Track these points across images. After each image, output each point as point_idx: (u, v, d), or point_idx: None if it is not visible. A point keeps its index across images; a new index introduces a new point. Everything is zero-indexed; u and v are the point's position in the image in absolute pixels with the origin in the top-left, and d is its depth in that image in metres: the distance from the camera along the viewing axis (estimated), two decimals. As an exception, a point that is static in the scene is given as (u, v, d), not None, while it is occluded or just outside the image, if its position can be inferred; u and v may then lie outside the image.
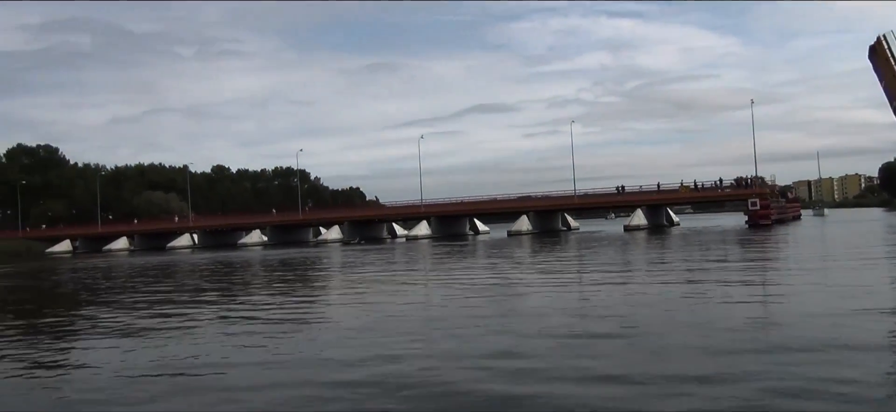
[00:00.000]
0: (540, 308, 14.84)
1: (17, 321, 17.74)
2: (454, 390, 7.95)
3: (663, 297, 15.70)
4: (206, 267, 40.84)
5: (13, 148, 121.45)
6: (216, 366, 9.92)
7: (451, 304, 16.18)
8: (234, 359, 10.33)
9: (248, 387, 8.49)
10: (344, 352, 10.42)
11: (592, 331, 11.41)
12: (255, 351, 10.95)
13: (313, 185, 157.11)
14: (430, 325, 12.86)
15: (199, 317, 15.80)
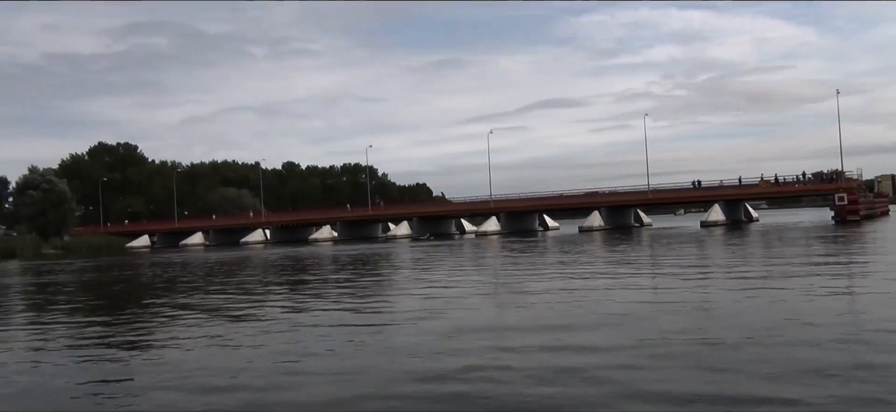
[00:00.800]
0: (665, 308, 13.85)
1: (165, 307, 17.90)
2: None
3: (798, 305, 13.50)
4: (300, 261, 41.01)
5: (95, 146, 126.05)
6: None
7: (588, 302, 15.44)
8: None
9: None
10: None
11: (721, 340, 10.26)
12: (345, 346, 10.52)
13: (381, 181, 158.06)
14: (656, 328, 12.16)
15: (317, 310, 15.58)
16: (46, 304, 21.32)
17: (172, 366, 9.95)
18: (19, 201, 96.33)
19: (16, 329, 15.98)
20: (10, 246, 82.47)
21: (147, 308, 18.97)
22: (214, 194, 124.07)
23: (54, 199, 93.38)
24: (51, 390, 9.13)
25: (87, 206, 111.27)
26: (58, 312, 18.78)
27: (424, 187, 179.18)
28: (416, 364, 9.31)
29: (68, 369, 10.32)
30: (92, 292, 26.00)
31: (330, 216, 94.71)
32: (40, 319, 17.31)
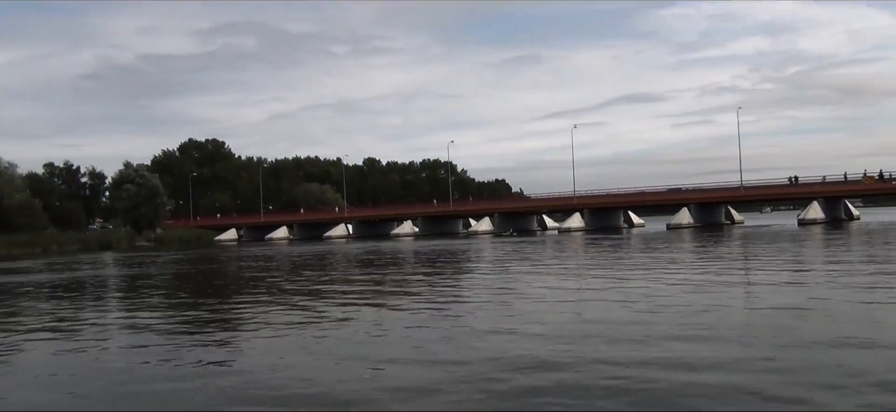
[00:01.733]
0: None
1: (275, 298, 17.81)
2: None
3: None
4: (394, 256, 40.86)
5: (185, 142, 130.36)
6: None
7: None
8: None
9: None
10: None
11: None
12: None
13: (459, 177, 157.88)
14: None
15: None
16: (175, 293, 21.55)
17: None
18: (115, 195, 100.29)
19: (144, 317, 16.00)
20: (107, 238, 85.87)
21: (267, 301, 18.81)
22: (298, 189, 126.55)
23: (147, 193, 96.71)
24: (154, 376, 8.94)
25: (178, 200, 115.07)
26: (187, 301, 18.86)
27: (503, 183, 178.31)
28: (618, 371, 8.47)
29: (183, 357, 9.98)
30: (217, 283, 26.26)
31: (411, 211, 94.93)
32: (167, 307, 17.37)
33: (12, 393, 8.66)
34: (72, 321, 15.43)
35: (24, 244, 76.75)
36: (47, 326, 14.61)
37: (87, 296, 22.11)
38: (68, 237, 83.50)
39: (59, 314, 16.98)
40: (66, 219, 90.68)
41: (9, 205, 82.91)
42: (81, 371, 9.77)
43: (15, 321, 15.88)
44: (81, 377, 9.33)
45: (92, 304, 19.60)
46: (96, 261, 47.95)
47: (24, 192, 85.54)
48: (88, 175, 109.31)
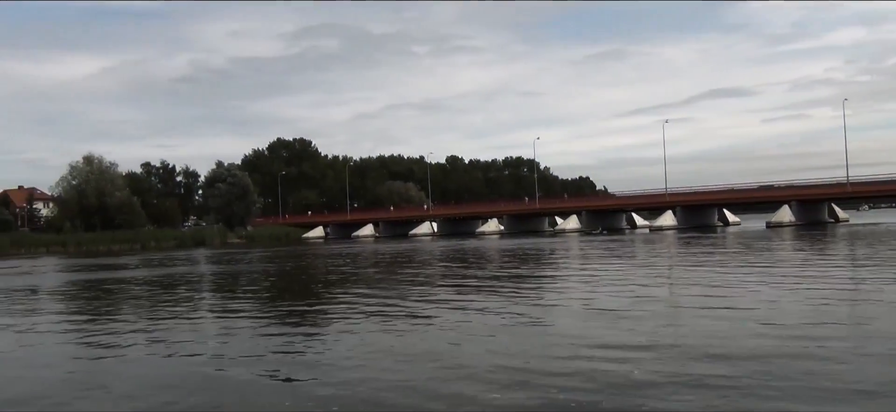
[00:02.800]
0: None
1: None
2: None
3: None
4: (496, 254, 40.18)
5: (274, 142, 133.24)
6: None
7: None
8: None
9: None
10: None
11: None
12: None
13: (543, 175, 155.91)
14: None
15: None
16: (280, 291, 21.45)
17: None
18: (208, 193, 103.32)
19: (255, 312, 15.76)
20: (201, 235, 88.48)
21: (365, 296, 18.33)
22: (382, 187, 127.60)
23: (238, 191, 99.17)
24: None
25: (266, 198, 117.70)
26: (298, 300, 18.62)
27: (587, 181, 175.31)
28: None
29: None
30: (317, 280, 26.16)
31: (496, 209, 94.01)
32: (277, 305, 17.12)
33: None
34: (182, 320, 15.24)
35: (124, 240, 79.92)
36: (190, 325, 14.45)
37: (199, 292, 22.17)
38: (165, 234, 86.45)
39: (177, 311, 16.89)
40: (162, 216, 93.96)
41: (110, 203, 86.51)
42: (180, 369, 9.65)
43: (124, 317, 15.88)
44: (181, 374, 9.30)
45: (206, 300, 19.55)
46: (193, 258, 49.00)
47: (124, 191, 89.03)
48: (183, 174, 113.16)
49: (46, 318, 16.39)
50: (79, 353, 11.30)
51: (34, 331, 14.17)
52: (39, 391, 8.51)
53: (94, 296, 21.88)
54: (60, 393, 8.38)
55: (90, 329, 13.99)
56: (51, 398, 8.17)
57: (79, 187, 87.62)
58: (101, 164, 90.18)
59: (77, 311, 18.10)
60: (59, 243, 76.79)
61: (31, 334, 13.74)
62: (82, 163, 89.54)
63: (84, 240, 78.60)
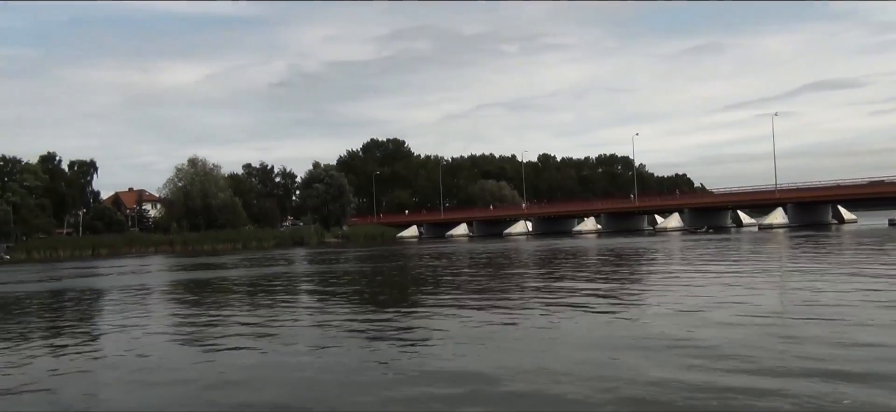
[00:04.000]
0: None
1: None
2: None
3: None
4: (602, 253, 38.86)
5: (367, 143, 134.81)
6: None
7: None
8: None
9: None
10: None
11: None
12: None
13: (638, 172, 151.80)
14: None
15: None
16: (390, 291, 21.02)
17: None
18: (305, 194, 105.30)
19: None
20: (299, 235, 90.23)
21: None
22: (475, 186, 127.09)
23: (335, 192, 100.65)
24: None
25: (360, 197, 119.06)
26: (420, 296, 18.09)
27: (684, 178, 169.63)
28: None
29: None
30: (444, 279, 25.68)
31: (593, 208, 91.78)
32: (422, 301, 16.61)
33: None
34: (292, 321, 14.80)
35: (227, 240, 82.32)
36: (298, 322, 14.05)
37: (313, 292, 21.93)
38: (265, 234, 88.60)
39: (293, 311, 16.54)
40: (262, 216, 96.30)
41: (214, 203, 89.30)
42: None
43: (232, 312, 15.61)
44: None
45: (329, 303, 19.21)
46: (297, 257, 49.55)
47: (226, 192, 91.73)
48: (281, 175, 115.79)
49: (176, 317, 16.33)
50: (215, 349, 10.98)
51: (163, 332, 14.02)
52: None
53: (235, 294, 21.94)
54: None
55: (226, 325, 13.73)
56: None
57: (184, 189, 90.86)
58: (205, 166, 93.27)
59: (217, 309, 18.03)
60: (167, 242, 79.79)
61: (159, 335, 13.57)
62: (187, 165, 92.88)
63: (189, 239, 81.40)
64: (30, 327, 15.69)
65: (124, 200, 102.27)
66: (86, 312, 19.07)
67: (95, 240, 76.97)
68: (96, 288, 27.06)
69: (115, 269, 41.13)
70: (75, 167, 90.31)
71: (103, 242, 76.45)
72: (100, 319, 17.30)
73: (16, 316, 18.47)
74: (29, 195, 77.91)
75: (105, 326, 15.43)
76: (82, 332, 14.41)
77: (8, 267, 51.59)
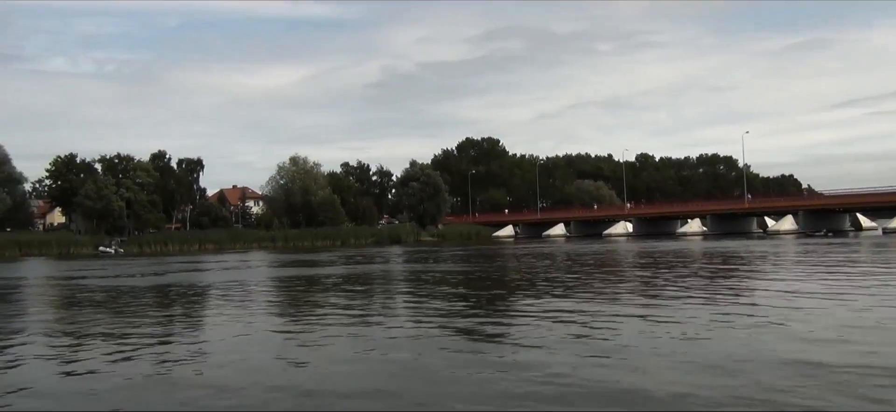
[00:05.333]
0: None
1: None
2: None
3: None
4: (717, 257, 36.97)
5: (462, 142, 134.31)
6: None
7: None
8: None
9: None
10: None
11: None
12: None
13: (741, 172, 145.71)
14: None
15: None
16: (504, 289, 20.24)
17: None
18: (401, 192, 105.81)
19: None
20: (396, 233, 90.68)
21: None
22: (571, 186, 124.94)
23: (430, 190, 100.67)
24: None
25: (454, 196, 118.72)
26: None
27: (791, 179, 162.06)
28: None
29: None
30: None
31: (698, 209, 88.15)
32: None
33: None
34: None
35: (326, 237, 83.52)
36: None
37: (443, 293, 21.32)
38: (363, 231, 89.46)
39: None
40: (360, 214, 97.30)
41: (314, 201, 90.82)
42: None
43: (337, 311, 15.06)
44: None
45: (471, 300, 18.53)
46: (393, 255, 49.40)
47: (325, 190, 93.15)
48: (378, 173, 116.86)
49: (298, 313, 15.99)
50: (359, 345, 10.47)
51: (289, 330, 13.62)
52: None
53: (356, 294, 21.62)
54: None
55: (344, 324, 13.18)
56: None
57: (286, 186, 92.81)
58: (306, 164, 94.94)
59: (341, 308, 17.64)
60: (269, 239, 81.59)
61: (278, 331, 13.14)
62: (289, 163, 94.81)
63: (290, 236, 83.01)
64: (146, 317, 15.80)
65: (228, 197, 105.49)
66: (197, 304, 19.38)
67: (202, 236, 79.49)
68: (205, 282, 27.38)
69: (220, 264, 41.95)
70: (183, 165, 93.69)
71: (209, 238, 78.86)
72: (209, 311, 17.73)
73: (131, 306, 18.55)
74: (141, 191, 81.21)
75: (213, 317, 16.00)
76: (193, 322, 15.14)
77: (122, 260, 53.63)
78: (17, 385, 8.98)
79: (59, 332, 14.00)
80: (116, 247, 72.05)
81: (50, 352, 11.66)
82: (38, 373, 9.90)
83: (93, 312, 17.38)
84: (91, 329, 14.16)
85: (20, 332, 14.08)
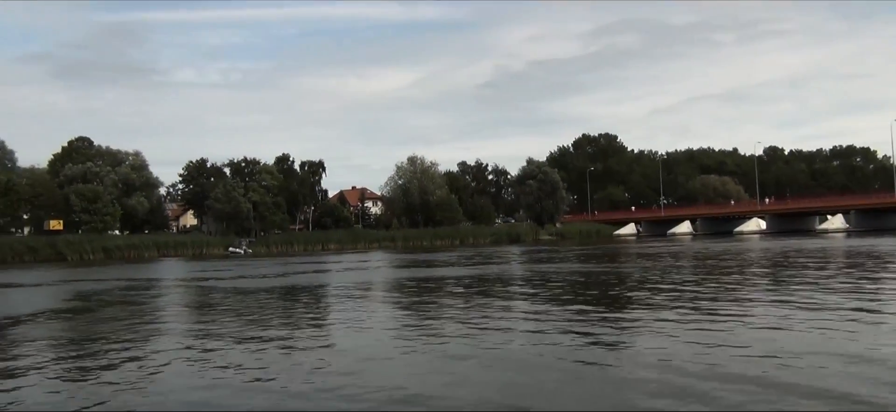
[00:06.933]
0: None
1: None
2: None
3: None
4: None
5: (578, 138, 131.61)
6: None
7: None
8: None
9: None
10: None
11: None
12: None
13: (881, 164, 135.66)
14: None
15: None
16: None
17: None
18: (518, 191, 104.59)
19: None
20: (515, 232, 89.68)
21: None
22: (695, 182, 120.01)
23: (548, 188, 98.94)
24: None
25: (570, 194, 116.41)
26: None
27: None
28: None
29: None
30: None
31: (841, 203, 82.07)
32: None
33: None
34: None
35: (445, 236, 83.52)
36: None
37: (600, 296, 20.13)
38: (481, 230, 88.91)
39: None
40: (477, 213, 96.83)
41: (432, 200, 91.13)
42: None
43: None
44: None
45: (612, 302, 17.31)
46: (515, 254, 48.28)
47: (443, 189, 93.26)
48: (494, 172, 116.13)
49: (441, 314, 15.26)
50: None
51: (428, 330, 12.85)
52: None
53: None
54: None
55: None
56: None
57: (404, 186, 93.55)
58: (423, 163, 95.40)
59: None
60: (389, 239, 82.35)
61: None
62: (406, 163, 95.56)
63: (409, 236, 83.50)
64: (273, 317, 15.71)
65: (348, 198, 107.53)
66: (324, 305, 19.34)
67: (324, 236, 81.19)
68: (332, 282, 27.36)
69: (343, 265, 42.17)
70: (306, 167, 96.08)
71: (331, 238, 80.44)
72: (334, 311, 17.89)
73: (257, 307, 18.34)
74: (266, 194, 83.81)
75: (338, 317, 16.24)
76: (318, 323, 15.35)
77: (250, 260, 55.14)
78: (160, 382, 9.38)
79: (214, 332, 13.80)
80: (246, 247, 74.57)
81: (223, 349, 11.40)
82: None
83: (231, 312, 17.44)
84: (226, 329, 14.00)
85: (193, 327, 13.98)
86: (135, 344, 12.72)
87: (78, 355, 11.75)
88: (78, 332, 14.75)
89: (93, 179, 76.71)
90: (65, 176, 76.39)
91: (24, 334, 14.64)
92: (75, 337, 14.06)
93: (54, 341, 13.68)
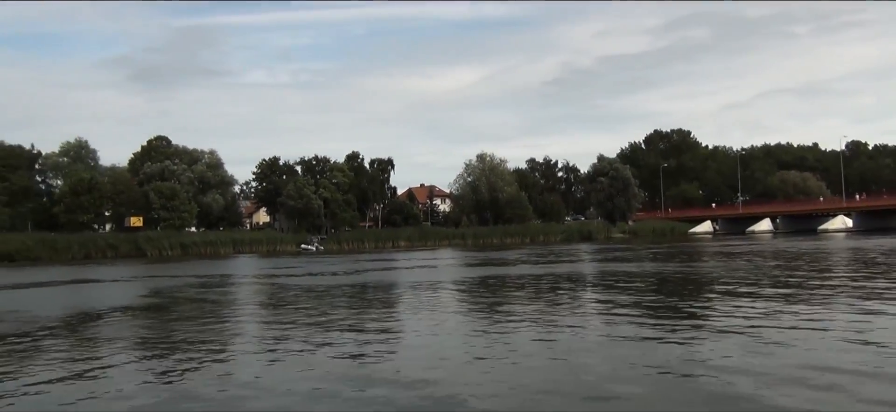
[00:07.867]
0: None
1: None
2: None
3: None
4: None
5: (650, 134, 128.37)
6: None
7: None
8: None
9: None
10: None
11: None
12: None
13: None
14: None
15: None
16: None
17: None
18: (589, 188, 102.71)
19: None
20: (587, 230, 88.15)
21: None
22: (773, 178, 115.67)
23: (620, 185, 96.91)
24: None
25: (642, 191, 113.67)
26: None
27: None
28: None
29: None
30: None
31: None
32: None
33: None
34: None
35: (514, 234, 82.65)
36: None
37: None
38: (552, 228, 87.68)
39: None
40: (547, 210, 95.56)
41: (501, 197, 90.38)
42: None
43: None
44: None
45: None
46: (587, 253, 47.18)
47: (512, 186, 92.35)
48: (564, 169, 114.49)
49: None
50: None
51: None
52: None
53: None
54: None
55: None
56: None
57: (473, 183, 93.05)
58: (492, 161, 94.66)
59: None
60: (458, 236, 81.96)
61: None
62: (475, 161, 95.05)
63: (479, 233, 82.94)
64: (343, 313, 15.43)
65: (417, 195, 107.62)
66: (396, 304, 19.04)
67: (394, 233, 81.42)
68: (404, 280, 27.01)
69: (413, 262, 41.90)
70: (375, 165, 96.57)
71: (401, 235, 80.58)
72: (404, 309, 17.78)
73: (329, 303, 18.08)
74: (337, 191, 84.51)
75: (409, 315, 16.30)
76: (391, 319, 15.65)
77: (322, 257, 55.52)
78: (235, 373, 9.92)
79: (291, 325, 13.60)
80: (317, 244, 75.38)
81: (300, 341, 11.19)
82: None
83: (306, 307, 17.45)
84: (301, 331, 13.79)
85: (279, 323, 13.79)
86: (214, 343, 12.71)
87: (154, 356, 11.71)
88: (156, 331, 14.90)
89: (170, 177, 78.83)
90: (144, 174, 78.73)
91: (117, 331, 14.99)
92: (153, 336, 14.20)
93: (135, 339, 13.83)
